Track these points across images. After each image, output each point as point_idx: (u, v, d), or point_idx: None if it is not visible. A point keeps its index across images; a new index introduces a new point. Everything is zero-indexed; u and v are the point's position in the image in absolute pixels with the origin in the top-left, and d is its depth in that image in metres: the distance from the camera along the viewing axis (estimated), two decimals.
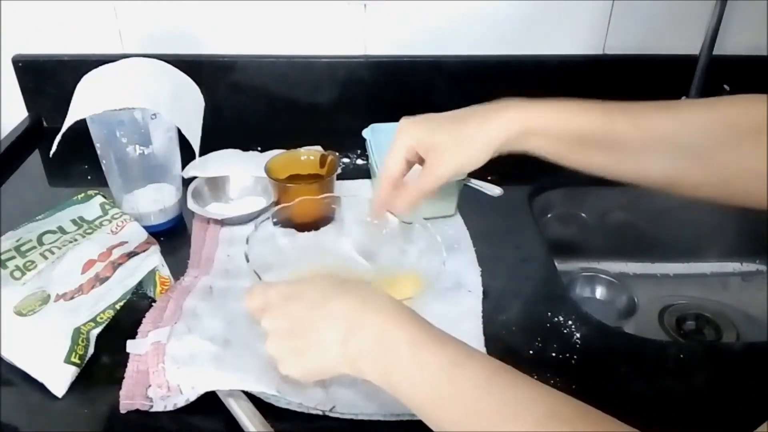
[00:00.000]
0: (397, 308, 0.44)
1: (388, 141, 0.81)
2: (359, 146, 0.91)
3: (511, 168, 0.79)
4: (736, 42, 0.96)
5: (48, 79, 0.94)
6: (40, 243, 0.60)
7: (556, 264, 0.72)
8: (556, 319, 0.63)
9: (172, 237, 0.74)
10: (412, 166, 0.59)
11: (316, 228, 0.69)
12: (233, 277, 0.66)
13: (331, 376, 0.49)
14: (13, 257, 0.58)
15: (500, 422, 0.37)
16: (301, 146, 0.80)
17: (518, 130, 0.54)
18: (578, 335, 0.61)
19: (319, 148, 0.85)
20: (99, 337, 0.57)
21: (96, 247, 0.61)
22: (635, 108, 0.53)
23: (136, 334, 0.57)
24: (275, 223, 0.64)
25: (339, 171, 0.74)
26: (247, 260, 0.56)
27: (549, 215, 0.92)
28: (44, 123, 0.97)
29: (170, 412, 0.52)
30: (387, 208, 0.60)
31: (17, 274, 0.57)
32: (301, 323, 0.46)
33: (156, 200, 0.73)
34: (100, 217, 0.66)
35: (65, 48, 0.93)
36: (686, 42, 0.94)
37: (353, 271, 0.63)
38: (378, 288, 0.48)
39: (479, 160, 0.55)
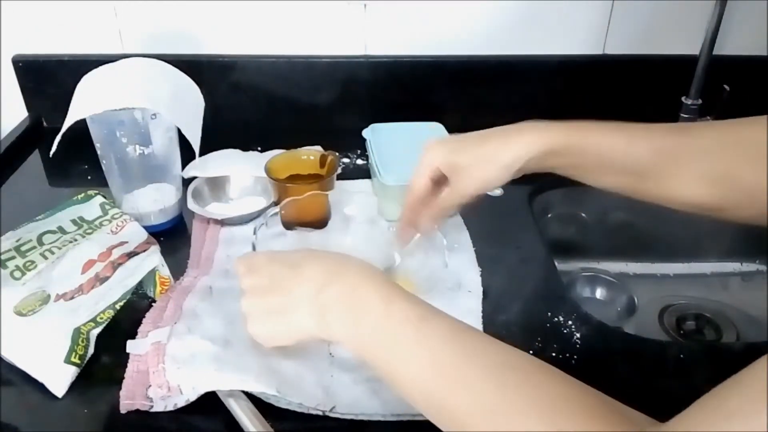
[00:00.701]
0: (372, 270, 0.47)
1: (388, 141, 0.82)
2: (359, 146, 0.91)
3: None
4: (736, 42, 0.96)
5: (48, 79, 0.94)
6: (40, 243, 0.60)
7: (556, 264, 0.72)
8: (556, 319, 0.63)
9: (172, 237, 0.74)
10: (438, 185, 0.60)
11: (315, 228, 0.70)
12: (233, 277, 0.66)
13: (295, 339, 0.50)
14: (13, 257, 0.58)
15: (458, 373, 0.40)
16: (301, 146, 0.80)
17: (540, 150, 0.54)
18: (578, 335, 0.61)
19: (319, 148, 0.85)
20: (99, 337, 0.57)
21: (96, 247, 0.61)
22: (658, 131, 0.53)
23: (136, 334, 0.57)
24: (268, 223, 0.64)
25: (339, 171, 0.74)
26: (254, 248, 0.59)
27: (549, 215, 0.92)
28: (44, 123, 0.97)
29: (170, 412, 0.51)
30: (412, 225, 0.62)
31: (17, 274, 0.57)
32: (276, 282, 0.48)
33: (156, 200, 0.73)
34: (100, 217, 0.66)
35: (65, 48, 0.93)
36: (686, 42, 0.94)
37: None
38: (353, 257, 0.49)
39: (502, 179, 0.56)
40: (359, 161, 0.90)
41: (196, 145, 0.74)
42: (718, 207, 0.51)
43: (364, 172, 0.87)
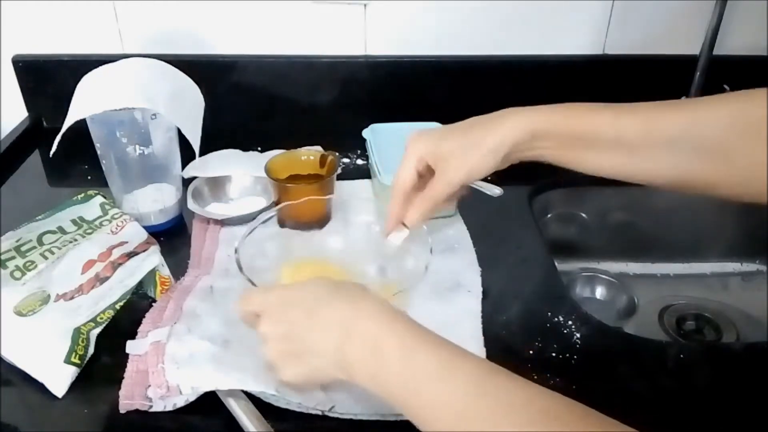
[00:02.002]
0: (389, 313, 0.45)
1: (388, 141, 0.81)
2: (359, 146, 0.91)
3: (511, 168, 0.80)
4: (736, 42, 0.96)
5: (48, 79, 0.94)
6: (40, 243, 0.60)
7: (556, 264, 0.72)
8: (556, 319, 0.63)
9: (172, 237, 0.74)
10: (424, 177, 0.59)
11: (315, 228, 0.70)
12: (234, 276, 0.66)
13: (327, 382, 0.50)
14: (13, 257, 0.58)
15: (493, 423, 0.37)
16: (301, 146, 0.80)
17: (526, 133, 0.54)
18: (578, 335, 0.61)
19: (319, 148, 0.85)
20: (99, 337, 0.57)
21: (96, 247, 0.61)
22: (644, 107, 0.52)
23: (136, 334, 0.57)
24: (267, 222, 0.64)
25: (339, 171, 0.74)
26: (239, 267, 0.57)
27: (549, 215, 0.92)
28: (44, 123, 0.97)
29: (170, 412, 0.52)
30: (401, 220, 0.60)
31: (17, 274, 0.57)
32: (296, 329, 0.47)
33: (156, 200, 0.73)
34: (100, 217, 0.66)
35: (65, 48, 0.93)
36: (686, 42, 0.94)
37: (349, 272, 0.63)
38: (370, 291, 0.48)
39: (488, 165, 0.55)
40: (359, 161, 0.90)
41: (196, 145, 0.74)
42: (713, 183, 0.50)
43: (364, 172, 0.87)
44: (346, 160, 0.90)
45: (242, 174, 0.79)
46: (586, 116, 0.53)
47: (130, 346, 0.56)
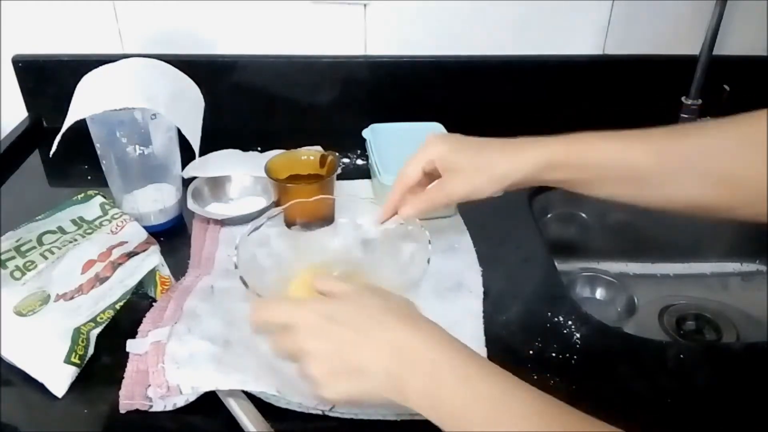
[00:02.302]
0: (443, 338, 0.45)
1: (388, 141, 0.82)
2: (359, 146, 0.91)
3: None
4: (736, 42, 0.96)
5: (48, 79, 0.94)
6: (40, 243, 0.60)
7: (556, 264, 0.72)
8: (556, 319, 0.63)
9: (172, 237, 0.74)
10: (429, 178, 0.60)
11: (316, 228, 0.70)
12: (234, 277, 0.66)
13: (376, 401, 0.47)
14: (13, 257, 0.58)
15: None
16: (301, 146, 0.80)
17: (537, 167, 0.54)
18: (578, 335, 0.61)
19: (319, 148, 0.85)
20: (99, 337, 0.57)
21: (96, 247, 0.61)
22: (654, 136, 0.52)
23: (136, 334, 0.57)
24: (268, 222, 0.64)
25: (339, 171, 0.74)
26: (236, 266, 0.57)
27: (549, 215, 0.92)
28: (44, 123, 0.97)
29: (170, 412, 0.52)
30: (394, 210, 0.61)
31: (17, 274, 0.57)
32: (346, 347, 0.45)
33: (156, 200, 0.73)
34: (100, 217, 0.66)
35: (65, 48, 0.93)
36: (686, 42, 0.94)
37: (348, 269, 0.63)
38: (418, 308, 0.48)
39: (491, 190, 0.56)
40: (359, 161, 0.90)
41: (196, 145, 0.74)
42: (728, 207, 0.50)
43: (364, 172, 0.87)
44: (346, 160, 0.90)
45: (242, 174, 0.79)
46: (596, 149, 0.53)
47: (131, 345, 0.56)
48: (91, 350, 0.56)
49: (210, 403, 0.51)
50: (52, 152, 0.68)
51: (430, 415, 0.43)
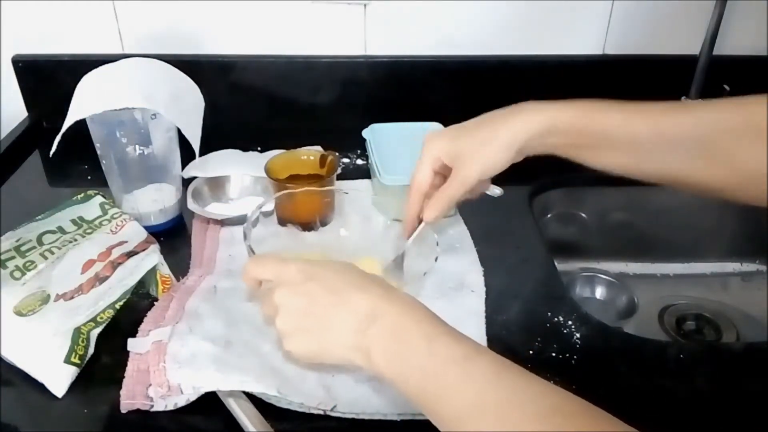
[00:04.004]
0: (415, 304, 0.46)
1: (388, 141, 0.82)
2: (359, 146, 0.91)
3: (511, 168, 0.79)
4: (736, 42, 0.96)
5: (48, 79, 0.94)
6: (40, 243, 0.60)
7: (556, 264, 0.72)
8: (556, 319, 0.63)
9: (172, 237, 0.74)
10: (441, 176, 0.60)
11: (315, 227, 0.70)
12: (236, 277, 0.66)
13: (333, 362, 0.49)
14: (13, 257, 0.58)
15: (504, 413, 0.38)
16: (301, 146, 0.80)
17: (539, 129, 0.54)
18: (578, 335, 0.61)
19: (319, 148, 0.85)
20: (99, 337, 0.57)
21: (96, 247, 0.61)
22: (654, 109, 0.53)
23: (136, 333, 0.57)
24: (266, 215, 0.65)
25: (339, 171, 0.74)
26: (245, 236, 0.58)
27: (549, 215, 0.92)
28: (44, 123, 0.97)
29: (170, 412, 0.51)
30: (417, 218, 0.61)
31: (17, 274, 0.57)
32: (317, 304, 0.46)
33: (156, 200, 0.73)
34: (100, 217, 0.66)
35: (65, 48, 0.93)
36: (686, 42, 0.94)
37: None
38: (393, 287, 0.48)
39: (503, 161, 0.56)
40: (359, 161, 0.90)
41: (196, 145, 0.74)
42: (716, 185, 0.51)
43: (364, 172, 0.87)
44: (346, 160, 0.90)
45: (242, 174, 0.79)
46: (598, 115, 0.54)
47: (132, 344, 0.56)
48: (91, 350, 0.56)
49: (210, 403, 0.51)
50: (52, 152, 0.68)
51: (389, 375, 0.43)
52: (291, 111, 0.97)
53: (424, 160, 0.58)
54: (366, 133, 0.84)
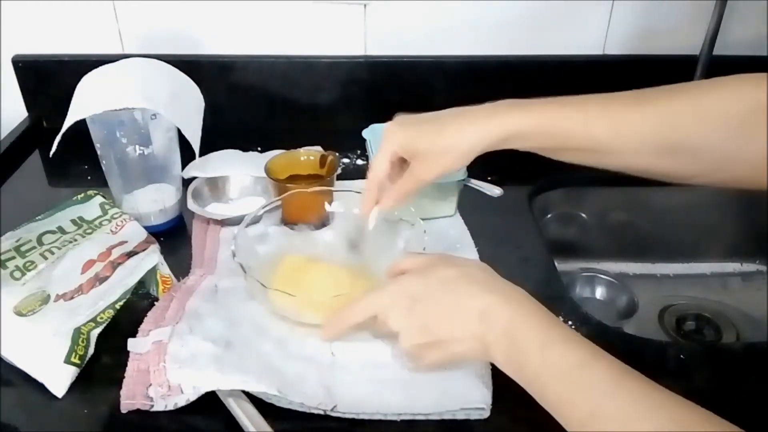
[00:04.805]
0: (523, 302, 0.48)
1: None
2: (359, 146, 0.91)
3: (511, 168, 0.80)
4: (736, 42, 0.96)
5: (48, 79, 0.94)
6: (40, 243, 0.60)
7: (556, 264, 0.72)
8: None
9: (172, 237, 0.74)
10: (398, 167, 0.60)
11: (315, 227, 0.70)
12: (238, 276, 0.66)
13: (469, 363, 0.53)
14: (13, 257, 0.58)
15: (622, 424, 0.39)
16: (301, 146, 0.80)
17: (498, 137, 0.55)
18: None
19: (319, 148, 0.85)
20: (99, 337, 0.57)
21: (96, 247, 0.61)
22: (616, 107, 0.53)
23: (136, 333, 0.57)
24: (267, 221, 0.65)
25: (339, 171, 0.74)
26: (233, 254, 0.59)
27: (549, 215, 0.92)
28: (44, 123, 0.97)
29: (170, 412, 0.51)
30: (374, 206, 0.62)
31: (17, 274, 0.57)
32: (431, 320, 0.49)
33: (156, 200, 0.73)
34: (100, 217, 0.66)
35: (65, 48, 0.93)
36: (686, 42, 0.94)
37: (351, 270, 0.63)
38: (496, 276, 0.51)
39: (459, 166, 0.57)
40: (359, 161, 0.90)
41: (196, 145, 0.74)
42: (679, 176, 0.52)
43: (364, 172, 0.86)
44: (346, 160, 0.90)
45: (242, 174, 0.79)
46: (557, 119, 0.54)
47: (132, 344, 0.56)
48: (91, 350, 0.56)
49: (210, 403, 0.51)
50: (52, 152, 0.68)
51: (516, 377, 0.46)
52: (291, 111, 0.97)
53: (383, 151, 0.59)
54: (366, 133, 0.84)
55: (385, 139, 0.59)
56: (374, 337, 0.56)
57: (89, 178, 0.83)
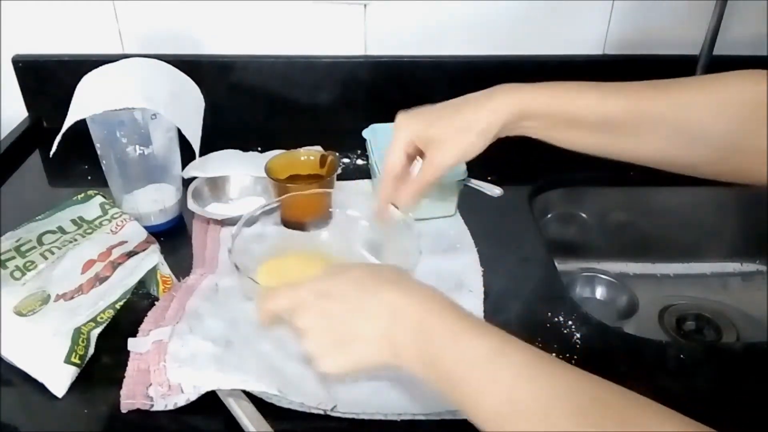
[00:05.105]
0: (435, 298, 0.44)
1: (388, 141, 0.81)
2: (359, 146, 0.91)
3: (511, 168, 0.80)
4: (736, 42, 0.96)
5: (48, 79, 0.94)
6: (40, 243, 0.60)
7: (556, 264, 0.72)
8: (556, 319, 0.63)
9: (172, 237, 0.74)
10: (413, 159, 0.59)
11: (314, 227, 0.70)
12: (239, 275, 0.66)
13: (372, 371, 0.49)
14: (13, 257, 0.58)
15: (542, 408, 0.37)
16: (301, 146, 0.80)
17: (514, 114, 0.54)
18: (578, 335, 0.61)
19: (319, 148, 0.85)
20: (99, 336, 0.57)
21: (96, 247, 0.61)
22: (630, 89, 0.53)
23: (136, 333, 0.57)
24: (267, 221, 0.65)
25: (339, 171, 0.74)
26: (229, 251, 0.59)
27: (549, 215, 0.92)
28: (44, 123, 0.97)
29: (170, 412, 0.51)
30: (391, 202, 0.60)
31: (17, 274, 0.57)
32: (339, 320, 0.45)
33: (156, 200, 0.73)
34: (100, 216, 0.66)
35: (65, 48, 0.93)
36: (686, 42, 0.94)
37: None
38: (409, 276, 0.48)
39: (479, 147, 0.55)
40: (359, 161, 0.90)
41: (196, 145, 0.74)
42: (688, 164, 0.52)
43: (364, 172, 0.87)
44: (346, 160, 0.90)
45: (242, 174, 0.79)
46: (573, 96, 0.53)
47: (132, 344, 0.56)
48: (91, 350, 0.56)
49: (210, 403, 0.51)
50: (52, 152, 0.68)
51: (424, 375, 0.42)
52: (291, 111, 0.97)
53: (397, 144, 0.57)
54: (366, 133, 0.84)
55: (397, 130, 0.57)
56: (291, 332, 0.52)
57: (89, 178, 0.83)
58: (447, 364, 0.41)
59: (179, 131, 0.73)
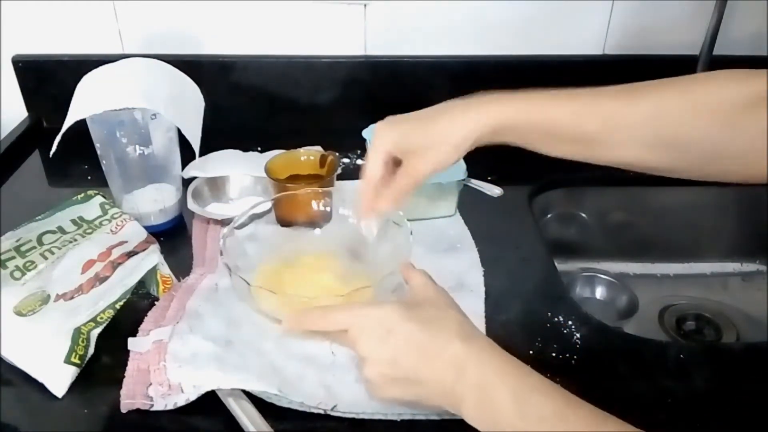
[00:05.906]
0: (494, 352, 0.46)
1: None
2: (359, 146, 0.91)
3: (511, 168, 0.80)
4: (736, 41, 0.96)
5: (48, 79, 0.94)
6: (40, 243, 0.60)
7: (556, 264, 0.72)
8: (556, 319, 0.63)
9: (172, 237, 0.74)
10: (397, 166, 0.59)
11: (314, 227, 0.70)
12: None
13: (430, 410, 0.51)
14: (13, 257, 0.58)
15: None
16: (301, 146, 0.80)
17: (489, 126, 0.54)
18: (578, 335, 0.61)
19: (319, 148, 0.85)
20: (99, 336, 0.57)
21: (96, 247, 0.61)
22: (606, 99, 0.53)
23: (136, 333, 0.57)
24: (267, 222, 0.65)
25: (339, 171, 0.74)
26: (221, 252, 0.59)
27: (549, 215, 0.92)
28: (44, 123, 0.97)
29: (170, 412, 0.51)
30: (371, 209, 0.61)
31: (17, 274, 0.57)
32: (403, 357, 0.47)
33: (156, 200, 0.73)
34: (100, 216, 0.66)
35: (65, 48, 0.93)
36: (686, 41, 0.94)
37: (340, 268, 0.64)
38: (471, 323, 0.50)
39: (454, 158, 0.56)
40: (359, 161, 0.90)
41: (196, 145, 0.74)
42: (669, 169, 0.52)
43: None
44: (346, 160, 0.90)
45: (242, 174, 0.79)
46: (548, 110, 0.54)
47: (132, 343, 0.56)
48: (91, 350, 0.56)
49: (210, 403, 0.51)
50: (52, 152, 0.68)
51: (485, 429, 0.44)
52: (291, 111, 0.97)
53: (375, 152, 0.58)
54: (366, 133, 0.84)
55: (376, 138, 0.58)
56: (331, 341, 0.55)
57: (89, 178, 0.83)
58: (507, 425, 0.42)
59: (179, 131, 0.73)
